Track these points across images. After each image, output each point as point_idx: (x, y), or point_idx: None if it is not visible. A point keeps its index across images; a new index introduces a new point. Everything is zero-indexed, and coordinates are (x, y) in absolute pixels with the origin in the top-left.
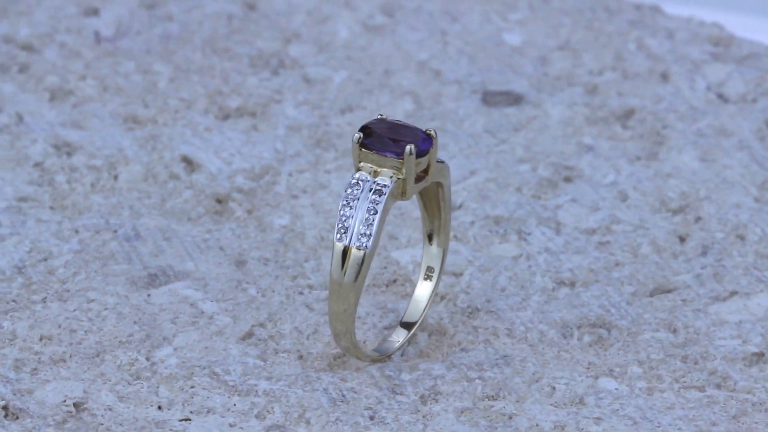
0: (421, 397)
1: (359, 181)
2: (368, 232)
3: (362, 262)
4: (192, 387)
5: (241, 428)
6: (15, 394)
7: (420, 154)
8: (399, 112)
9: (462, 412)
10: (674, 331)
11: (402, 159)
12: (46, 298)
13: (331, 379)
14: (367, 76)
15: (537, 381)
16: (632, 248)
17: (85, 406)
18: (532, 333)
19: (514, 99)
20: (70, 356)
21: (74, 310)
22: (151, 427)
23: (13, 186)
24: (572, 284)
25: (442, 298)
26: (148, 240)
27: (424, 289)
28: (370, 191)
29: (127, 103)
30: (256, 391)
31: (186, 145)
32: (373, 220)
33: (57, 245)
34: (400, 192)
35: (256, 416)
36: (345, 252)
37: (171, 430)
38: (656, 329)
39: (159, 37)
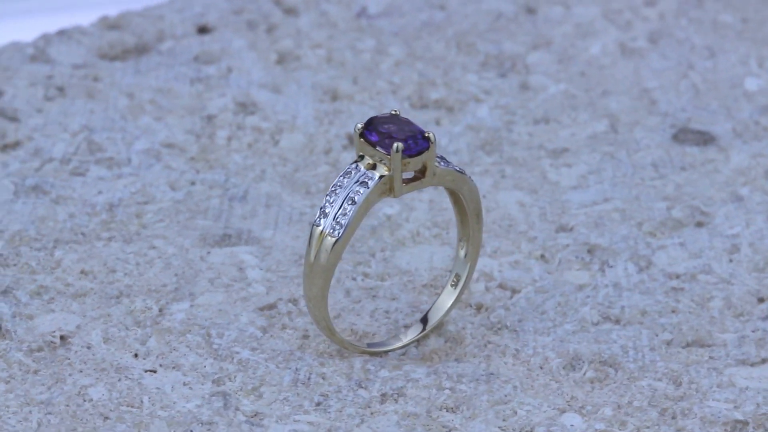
0: (383, 395)
1: (351, 171)
2: (342, 222)
3: (331, 250)
4: (179, 343)
5: (191, 389)
6: (14, 317)
7: (412, 154)
8: (587, 131)
9: (408, 416)
10: (677, 384)
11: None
12: (113, 237)
13: (311, 361)
14: (584, 93)
15: (503, 403)
16: (702, 300)
17: (70, 340)
18: (536, 358)
19: (705, 140)
20: (92, 293)
21: (129, 253)
22: (111, 371)
23: (169, 131)
24: (616, 321)
25: (481, 308)
26: (250, 203)
27: (447, 296)
28: (356, 182)
29: (337, 77)
30: (232, 358)
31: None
32: (350, 210)
33: (163, 192)
34: (387, 188)
35: (214, 381)
36: (321, 236)
37: (128, 377)
38: (659, 378)
39: (420, 22)
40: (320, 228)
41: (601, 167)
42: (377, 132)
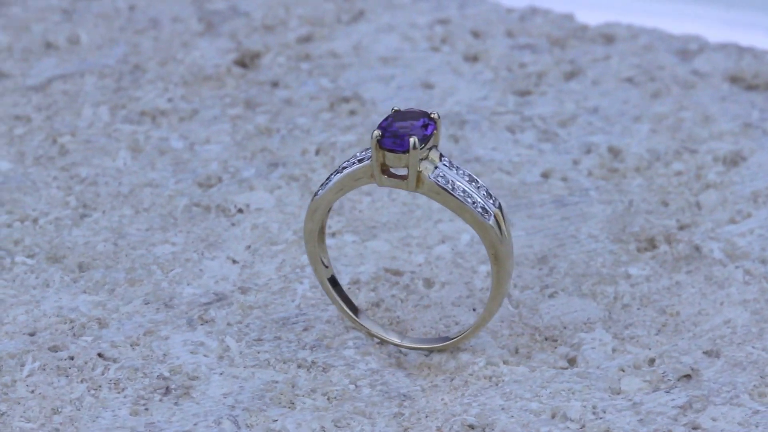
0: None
1: (364, 157)
2: (326, 185)
3: (309, 203)
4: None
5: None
6: None
7: (389, 149)
8: None
9: (369, 417)
10: None
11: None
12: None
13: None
14: None
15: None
16: None
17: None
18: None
19: None
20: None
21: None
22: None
23: None
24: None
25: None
26: None
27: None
28: (356, 160)
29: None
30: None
31: None
32: (332, 177)
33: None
34: (370, 174)
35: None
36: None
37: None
38: None
39: None
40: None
41: None
42: (386, 121)
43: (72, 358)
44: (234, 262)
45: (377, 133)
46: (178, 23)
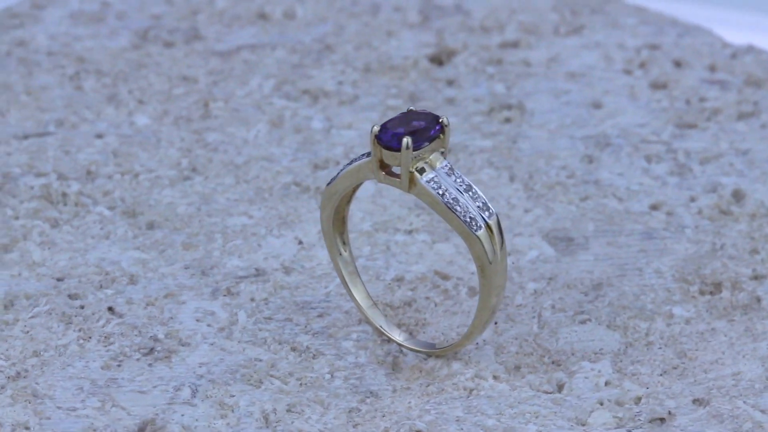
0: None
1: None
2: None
3: (323, 191)
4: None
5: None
6: None
7: (385, 146)
8: None
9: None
10: None
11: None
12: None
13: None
14: None
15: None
16: None
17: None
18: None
19: None
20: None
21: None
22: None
23: None
24: None
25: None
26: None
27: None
28: (365, 155)
29: None
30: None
31: None
32: (344, 169)
33: None
34: (371, 170)
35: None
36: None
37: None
38: None
39: None
40: None
41: None
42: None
43: (83, 308)
44: (299, 243)
45: (376, 128)
46: (397, 12)
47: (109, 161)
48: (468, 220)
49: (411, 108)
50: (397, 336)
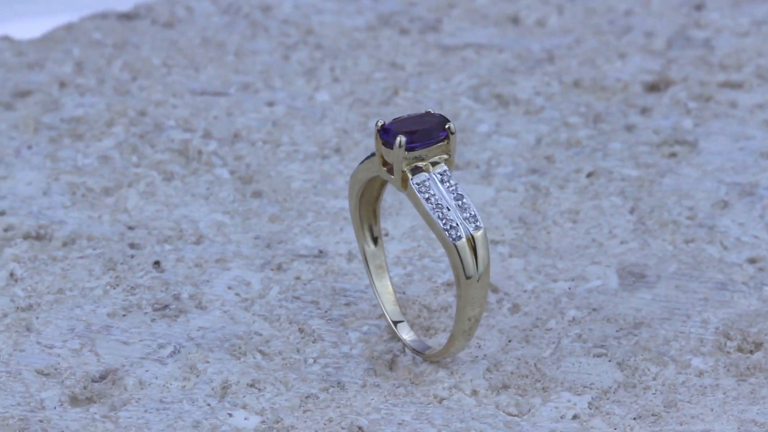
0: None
1: None
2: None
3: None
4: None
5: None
6: None
7: (384, 142)
8: None
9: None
10: None
11: None
12: None
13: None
14: None
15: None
16: None
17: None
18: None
19: None
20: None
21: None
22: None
23: None
24: None
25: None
26: None
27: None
28: None
29: None
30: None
31: None
32: (365, 160)
33: None
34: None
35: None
36: None
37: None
38: None
39: None
40: None
41: None
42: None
43: (132, 257)
44: (385, 234)
45: (380, 123)
46: (645, 37)
47: (263, 129)
48: (448, 228)
49: (429, 110)
50: (405, 335)
